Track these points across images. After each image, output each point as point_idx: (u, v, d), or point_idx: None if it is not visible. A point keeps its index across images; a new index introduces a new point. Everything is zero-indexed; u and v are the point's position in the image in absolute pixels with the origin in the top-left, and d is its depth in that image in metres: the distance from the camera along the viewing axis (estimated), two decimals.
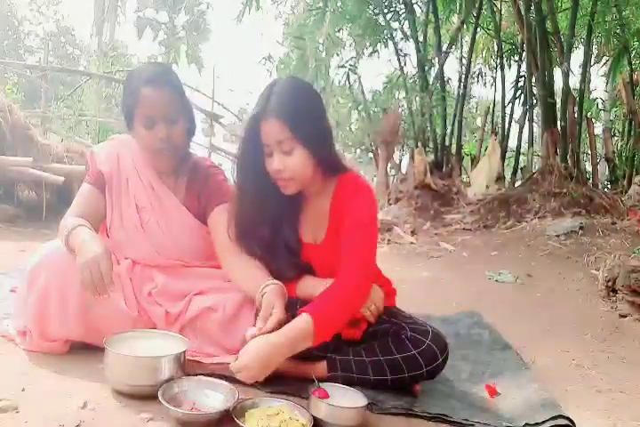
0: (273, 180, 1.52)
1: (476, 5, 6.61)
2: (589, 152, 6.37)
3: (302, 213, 1.63)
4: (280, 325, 1.37)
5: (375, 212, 1.58)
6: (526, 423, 1.39)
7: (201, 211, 1.74)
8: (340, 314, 1.43)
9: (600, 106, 8.24)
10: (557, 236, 4.20)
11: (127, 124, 1.67)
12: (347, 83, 7.10)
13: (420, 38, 6.65)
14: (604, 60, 7.99)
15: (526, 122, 6.63)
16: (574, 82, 6.48)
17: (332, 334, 1.43)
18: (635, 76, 6.55)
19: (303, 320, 1.36)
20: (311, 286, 1.58)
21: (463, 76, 6.91)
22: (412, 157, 6.32)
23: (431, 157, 6.47)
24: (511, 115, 7.11)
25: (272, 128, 1.43)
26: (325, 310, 1.40)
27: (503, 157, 6.67)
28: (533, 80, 6.01)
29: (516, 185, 6.22)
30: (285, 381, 1.52)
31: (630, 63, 6.44)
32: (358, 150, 7.09)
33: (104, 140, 1.94)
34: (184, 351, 1.42)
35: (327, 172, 1.55)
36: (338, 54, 7.66)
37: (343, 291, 1.44)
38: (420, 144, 6.35)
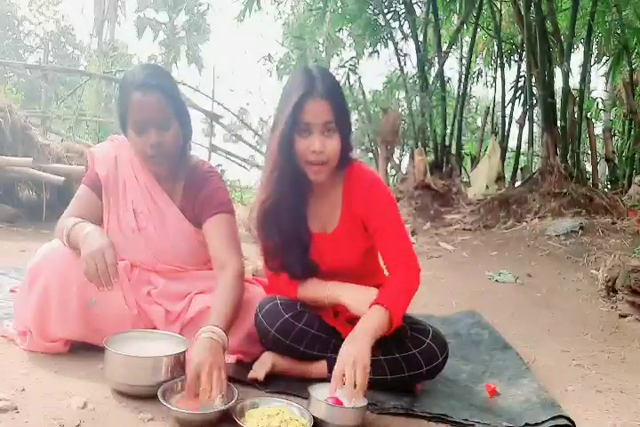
0: (304, 165, 1.48)
1: (476, 5, 6.60)
2: (589, 152, 6.36)
3: (310, 203, 1.62)
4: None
5: (394, 199, 1.64)
6: (526, 423, 1.39)
7: (196, 216, 1.71)
8: (408, 299, 1.50)
9: (600, 106, 8.24)
10: (557, 236, 4.19)
11: (122, 129, 1.65)
12: (347, 83, 7.09)
13: (420, 38, 6.64)
14: (604, 60, 7.99)
15: (526, 122, 6.62)
16: (574, 82, 6.48)
17: (401, 320, 1.46)
18: (635, 76, 6.54)
19: (379, 311, 1.41)
20: (312, 289, 1.58)
21: (463, 76, 6.90)
22: (411, 157, 6.31)
23: (431, 156, 6.45)
24: (511, 115, 7.11)
25: (321, 108, 1.42)
26: (395, 298, 1.46)
27: (503, 157, 6.66)
28: (533, 80, 6.00)
29: (516, 185, 6.20)
30: (285, 381, 1.52)
31: (630, 63, 6.44)
32: (358, 150, 7.07)
33: (104, 141, 1.91)
34: (184, 351, 1.42)
35: (339, 161, 1.54)
36: (338, 54, 7.67)
37: (407, 279, 1.52)
38: (419, 144, 6.33)
